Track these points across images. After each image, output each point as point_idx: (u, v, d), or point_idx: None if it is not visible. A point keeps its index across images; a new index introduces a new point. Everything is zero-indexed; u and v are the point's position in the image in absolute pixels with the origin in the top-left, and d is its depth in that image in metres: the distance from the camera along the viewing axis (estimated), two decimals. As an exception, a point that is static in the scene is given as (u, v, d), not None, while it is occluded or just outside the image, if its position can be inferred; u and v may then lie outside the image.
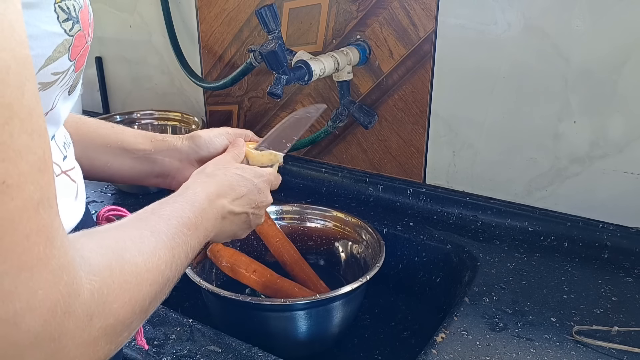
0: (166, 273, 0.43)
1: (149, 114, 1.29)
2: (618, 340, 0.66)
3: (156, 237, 0.44)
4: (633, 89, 0.80)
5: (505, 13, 0.85)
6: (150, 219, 0.46)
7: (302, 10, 1.05)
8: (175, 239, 0.46)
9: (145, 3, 1.29)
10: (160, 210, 0.48)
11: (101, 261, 0.36)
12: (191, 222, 0.50)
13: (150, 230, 0.44)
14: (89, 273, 0.34)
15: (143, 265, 0.40)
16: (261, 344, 0.66)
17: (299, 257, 0.87)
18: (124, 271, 0.37)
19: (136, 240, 0.42)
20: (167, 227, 0.46)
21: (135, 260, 0.39)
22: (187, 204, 0.51)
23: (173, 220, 0.47)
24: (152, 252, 0.42)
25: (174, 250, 0.45)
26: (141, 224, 0.45)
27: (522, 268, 0.82)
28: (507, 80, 0.88)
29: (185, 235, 0.47)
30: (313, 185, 1.10)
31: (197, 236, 0.50)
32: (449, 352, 0.65)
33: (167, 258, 0.43)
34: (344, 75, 0.98)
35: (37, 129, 0.30)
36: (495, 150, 0.93)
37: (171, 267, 0.44)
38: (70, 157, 0.52)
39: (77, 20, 0.41)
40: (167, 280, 0.43)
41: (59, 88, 0.43)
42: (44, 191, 0.30)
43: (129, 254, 0.39)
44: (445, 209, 0.98)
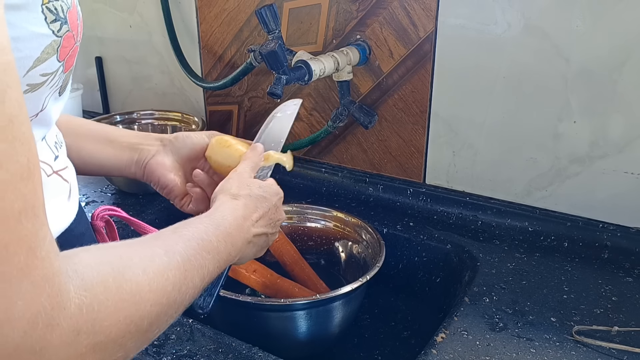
0: (173, 295, 0.41)
1: (149, 114, 1.29)
2: (618, 340, 0.66)
3: (169, 257, 0.42)
4: (633, 89, 0.80)
5: (505, 13, 0.85)
6: (169, 238, 0.45)
7: (302, 10, 1.05)
8: (191, 261, 0.44)
9: (145, 3, 1.29)
10: (182, 230, 0.47)
11: (96, 277, 0.35)
12: (213, 246, 0.48)
13: (164, 249, 0.43)
14: (78, 287, 0.33)
15: (146, 284, 0.39)
16: (261, 344, 0.66)
17: (299, 257, 0.87)
18: (121, 289, 0.36)
19: (145, 258, 0.40)
20: (185, 248, 0.45)
21: (137, 279, 0.38)
22: (212, 226, 0.50)
23: (193, 242, 0.46)
24: (159, 272, 0.40)
25: (187, 273, 0.43)
26: (157, 242, 0.44)
27: (522, 268, 0.82)
28: (507, 80, 0.88)
29: (203, 259, 0.46)
30: (313, 185, 1.10)
31: (218, 260, 0.49)
32: (449, 352, 0.65)
33: (177, 280, 0.42)
34: (344, 75, 0.98)
35: (19, 136, 0.29)
36: (495, 150, 0.93)
37: (180, 289, 0.42)
38: (63, 156, 0.51)
39: (65, 21, 0.41)
40: (174, 303, 0.42)
41: (49, 89, 0.42)
42: (27, 200, 0.29)
43: (132, 272, 0.38)
44: (445, 209, 0.98)
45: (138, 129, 1.28)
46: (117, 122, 1.26)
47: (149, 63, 1.35)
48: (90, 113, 1.47)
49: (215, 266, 0.48)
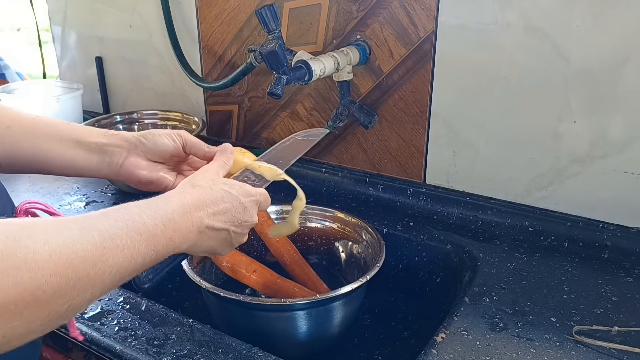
0: (84, 269, 0.41)
1: (149, 114, 1.29)
2: (618, 340, 0.66)
3: (82, 232, 0.42)
4: (633, 89, 0.80)
5: (505, 13, 0.85)
6: (92, 217, 0.45)
7: (302, 10, 1.05)
8: (114, 239, 0.44)
9: (145, 3, 1.29)
10: (112, 212, 0.47)
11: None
12: (146, 228, 0.47)
13: (80, 226, 0.42)
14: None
15: (46, 254, 0.38)
16: (261, 344, 0.66)
17: (299, 257, 0.87)
18: (13, 255, 0.36)
19: (51, 230, 0.40)
20: (108, 227, 0.44)
21: (35, 248, 0.38)
22: (150, 210, 0.49)
23: (120, 222, 0.45)
24: (65, 245, 0.40)
25: (105, 250, 0.43)
26: (75, 219, 0.43)
27: (522, 268, 0.82)
28: (507, 80, 0.88)
29: (132, 240, 0.45)
30: (313, 185, 1.10)
31: (154, 244, 0.48)
32: (449, 352, 0.65)
33: (89, 255, 0.41)
34: (344, 75, 0.98)
35: None
36: (495, 150, 0.93)
37: (95, 265, 0.41)
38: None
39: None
40: (87, 278, 0.41)
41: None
42: None
43: (30, 241, 0.38)
44: (446, 209, 0.98)
45: (138, 129, 1.29)
46: (117, 122, 1.26)
47: (149, 63, 1.35)
48: (90, 113, 1.47)
49: (149, 249, 0.47)
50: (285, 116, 1.15)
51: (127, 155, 0.67)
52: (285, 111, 1.15)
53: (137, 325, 0.69)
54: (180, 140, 0.68)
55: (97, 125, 1.23)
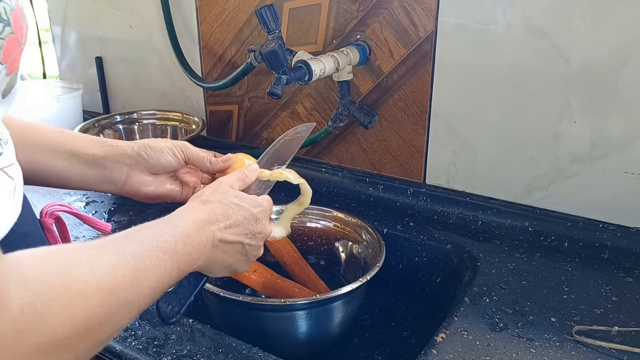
0: (123, 295, 0.41)
1: (149, 114, 1.29)
2: (618, 340, 0.66)
3: (119, 257, 0.42)
4: (633, 89, 0.80)
5: (505, 13, 0.85)
6: (120, 240, 0.45)
7: (302, 10, 1.05)
8: (145, 261, 0.44)
9: (145, 3, 1.29)
10: (136, 233, 0.46)
11: (39, 277, 0.34)
12: (169, 247, 0.47)
13: (114, 250, 0.42)
14: (21, 287, 0.33)
15: (93, 284, 0.38)
16: (261, 344, 0.66)
17: (299, 257, 0.87)
18: (66, 288, 0.36)
19: (92, 258, 0.40)
20: (137, 249, 0.44)
21: (84, 279, 0.37)
22: (168, 228, 0.49)
23: (146, 243, 0.45)
24: (108, 272, 0.40)
25: (138, 273, 0.43)
26: (107, 243, 0.43)
27: (522, 268, 0.82)
28: (507, 80, 0.88)
29: (159, 259, 0.45)
30: (313, 185, 1.09)
31: (177, 261, 0.48)
32: (449, 352, 0.65)
33: (128, 280, 0.41)
34: (344, 75, 0.98)
35: None
36: (495, 150, 0.93)
37: (132, 289, 0.42)
38: (7, 153, 0.49)
39: (8, 23, 0.40)
40: (126, 303, 0.41)
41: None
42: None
43: (79, 272, 0.37)
44: (446, 209, 0.98)
45: (138, 129, 1.29)
46: (117, 122, 1.27)
47: (149, 63, 1.35)
48: (90, 113, 1.47)
49: (173, 267, 0.47)
50: (285, 116, 1.15)
51: (129, 171, 0.65)
52: (285, 111, 1.15)
53: (137, 325, 0.69)
54: (182, 155, 0.67)
55: (97, 125, 1.23)
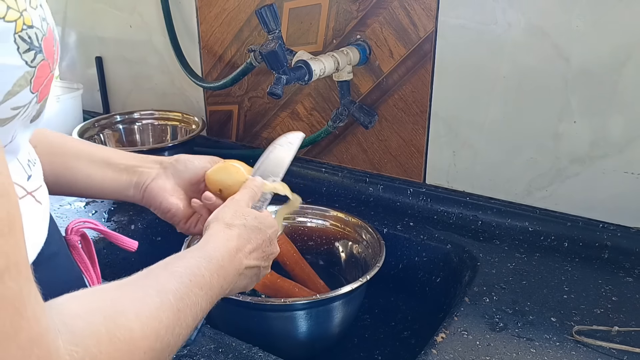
0: (166, 339, 0.40)
1: (149, 114, 1.29)
2: (618, 340, 0.66)
3: (161, 298, 0.40)
4: (633, 89, 0.80)
5: (506, 13, 0.85)
6: (161, 275, 0.43)
7: (302, 10, 1.05)
8: (184, 299, 0.43)
9: (145, 3, 1.29)
10: (174, 266, 0.45)
11: (86, 328, 0.33)
12: (206, 281, 0.46)
13: (156, 290, 0.41)
14: (69, 343, 0.31)
15: (139, 330, 0.37)
16: (261, 344, 0.66)
17: (299, 257, 0.87)
18: (114, 338, 0.35)
19: (137, 301, 0.39)
20: (177, 286, 0.43)
21: (130, 325, 0.36)
22: (205, 260, 0.48)
23: (185, 279, 0.44)
24: (152, 316, 0.39)
25: (179, 313, 0.42)
26: (148, 281, 0.42)
27: (522, 268, 0.82)
28: (507, 80, 0.88)
29: (196, 296, 0.44)
30: (313, 185, 1.10)
31: (211, 296, 0.47)
32: (449, 352, 0.65)
33: (170, 322, 0.40)
34: (344, 75, 0.98)
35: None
36: (495, 150, 0.93)
37: (173, 331, 0.40)
38: (36, 175, 0.48)
39: (40, 50, 0.38)
40: (167, 346, 0.40)
41: (20, 121, 0.40)
42: (9, 257, 0.28)
43: (124, 318, 0.36)
44: (446, 209, 0.98)
45: (138, 129, 1.29)
46: (117, 122, 1.26)
47: (149, 63, 1.35)
48: (90, 113, 1.47)
49: (207, 302, 0.47)
50: (285, 116, 1.15)
51: (155, 177, 0.65)
52: (285, 111, 1.15)
53: (137, 325, 0.69)
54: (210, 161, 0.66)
55: (97, 125, 1.23)
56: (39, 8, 0.39)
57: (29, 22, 0.36)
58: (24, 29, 0.36)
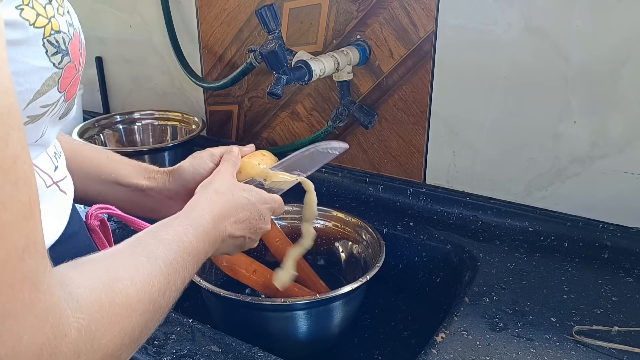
0: (159, 301, 0.42)
1: (149, 114, 1.29)
2: (618, 340, 0.66)
3: (152, 263, 0.43)
4: (633, 89, 0.80)
5: (505, 13, 0.85)
6: (150, 243, 0.46)
7: (302, 10, 1.05)
8: (173, 264, 0.45)
9: (145, 3, 1.29)
10: (162, 233, 0.48)
11: (89, 296, 0.36)
12: (193, 247, 0.49)
13: (146, 256, 0.43)
14: (76, 310, 0.34)
15: (135, 295, 0.39)
16: (261, 344, 0.66)
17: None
18: (113, 303, 0.37)
19: (130, 268, 0.41)
20: (166, 252, 0.45)
21: (127, 291, 0.39)
22: (192, 227, 0.50)
23: (174, 245, 0.47)
24: (145, 280, 0.41)
25: (169, 277, 0.44)
26: (139, 249, 0.44)
27: (522, 268, 0.82)
28: (507, 80, 0.88)
29: (184, 261, 0.47)
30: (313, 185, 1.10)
31: (197, 261, 0.50)
32: (449, 352, 0.65)
33: (162, 285, 0.43)
34: (344, 75, 0.98)
35: (22, 176, 0.30)
36: (495, 150, 0.93)
37: (164, 294, 0.43)
38: (62, 166, 0.51)
39: (67, 53, 0.41)
40: (160, 308, 0.43)
41: (49, 118, 0.43)
42: (29, 237, 0.30)
43: (121, 285, 0.39)
44: (446, 209, 0.98)
45: (138, 129, 1.29)
46: (117, 122, 1.27)
47: (149, 63, 1.35)
48: (90, 113, 1.47)
49: (194, 266, 0.49)
50: (285, 116, 1.15)
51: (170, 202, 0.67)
52: (285, 111, 1.15)
53: (137, 325, 0.69)
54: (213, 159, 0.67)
55: (97, 125, 1.23)
56: (66, 15, 0.42)
57: (56, 28, 0.40)
58: (52, 33, 0.39)
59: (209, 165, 0.67)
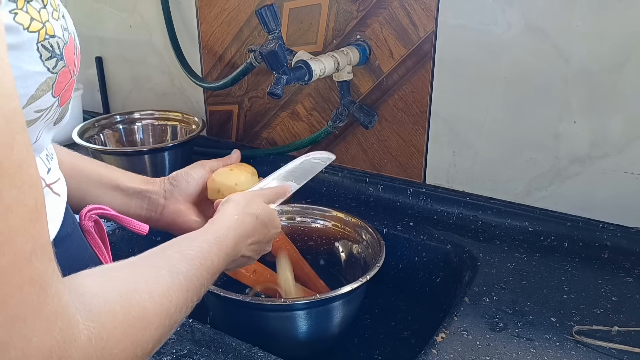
0: (175, 316, 0.42)
1: (149, 114, 1.29)
2: (618, 340, 0.66)
3: (173, 278, 0.43)
4: (633, 89, 0.80)
5: (505, 13, 0.85)
6: (173, 257, 0.46)
7: (302, 10, 1.05)
8: (193, 280, 0.45)
9: (145, 3, 1.29)
10: (186, 248, 0.48)
11: (103, 306, 0.36)
12: (214, 265, 0.50)
13: (169, 270, 0.44)
14: (86, 319, 0.34)
15: (152, 308, 0.39)
16: (261, 344, 0.66)
17: (299, 257, 0.87)
18: (129, 315, 0.37)
19: (150, 281, 0.41)
20: (188, 268, 0.46)
21: (144, 304, 0.39)
22: (215, 246, 0.51)
23: (196, 262, 0.47)
24: (164, 294, 0.41)
25: (188, 293, 0.44)
26: (161, 262, 0.45)
27: (522, 268, 0.82)
28: (507, 80, 0.88)
29: (204, 279, 0.47)
30: (313, 185, 1.10)
31: (213, 278, 0.51)
32: (449, 352, 0.65)
33: (179, 301, 0.43)
34: (344, 75, 0.98)
35: (28, 179, 0.30)
36: (495, 150, 0.93)
37: (181, 310, 0.43)
38: (54, 168, 0.51)
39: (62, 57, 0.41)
40: (175, 323, 0.43)
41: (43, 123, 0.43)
42: (36, 240, 0.30)
43: (139, 297, 0.39)
44: (446, 209, 0.98)
45: (138, 129, 1.29)
46: (117, 122, 1.26)
47: (149, 63, 1.35)
48: (90, 113, 1.47)
49: (210, 283, 0.50)
50: (285, 116, 1.15)
51: (165, 202, 0.68)
52: (285, 111, 1.15)
53: (137, 325, 0.69)
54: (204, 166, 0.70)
55: (97, 125, 1.23)
56: (61, 19, 0.42)
57: (51, 32, 0.39)
58: (46, 38, 0.39)
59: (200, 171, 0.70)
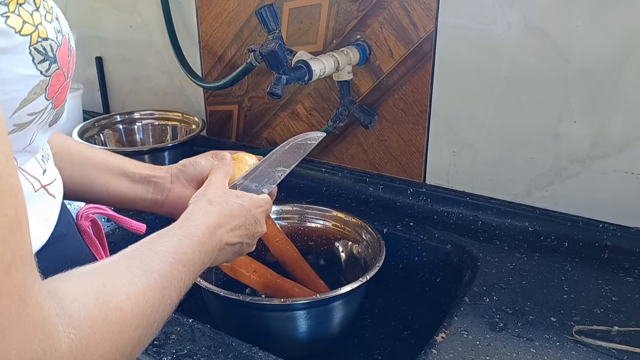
0: (152, 316, 0.42)
1: (149, 114, 1.29)
2: (618, 340, 0.66)
3: (148, 277, 0.43)
4: (633, 89, 0.80)
5: (505, 13, 0.85)
6: (146, 255, 0.45)
7: (302, 10, 1.05)
8: (168, 277, 0.45)
9: (145, 3, 1.29)
10: (157, 245, 0.47)
11: (83, 311, 0.35)
12: (188, 258, 0.48)
13: (143, 269, 0.43)
14: (67, 326, 0.33)
15: (129, 310, 0.39)
16: (261, 344, 0.66)
17: (299, 257, 0.87)
18: (107, 319, 0.37)
19: (126, 282, 0.41)
20: (162, 265, 0.45)
21: (121, 306, 0.38)
22: (186, 237, 0.50)
23: (169, 257, 0.46)
24: (140, 295, 0.41)
25: (164, 291, 0.44)
26: (135, 262, 0.44)
27: (522, 268, 0.82)
28: (507, 80, 0.88)
29: (180, 273, 0.46)
30: (313, 185, 1.10)
31: (193, 272, 0.49)
32: (449, 352, 0.65)
33: (156, 300, 0.42)
34: (344, 75, 0.98)
35: (7, 189, 0.29)
36: (495, 150, 0.93)
37: (159, 308, 0.43)
38: (50, 169, 0.51)
39: (55, 60, 0.40)
40: (154, 323, 0.42)
41: (37, 126, 0.42)
42: (15, 251, 0.30)
43: (116, 299, 0.38)
44: (446, 209, 0.98)
45: (138, 129, 1.29)
46: (117, 122, 1.26)
47: (149, 63, 1.35)
48: (90, 113, 1.47)
49: (190, 278, 0.49)
50: (285, 116, 1.15)
51: (171, 186, 0.68)
52: (285, 111, 1.15)
53: (137, 325, 0.69)
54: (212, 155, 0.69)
55: (97, 125, 1.23)
56: (54, 21, 0.41)
57: (43, 35, 0.39)
58: (38, 41, 0.39)
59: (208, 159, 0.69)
